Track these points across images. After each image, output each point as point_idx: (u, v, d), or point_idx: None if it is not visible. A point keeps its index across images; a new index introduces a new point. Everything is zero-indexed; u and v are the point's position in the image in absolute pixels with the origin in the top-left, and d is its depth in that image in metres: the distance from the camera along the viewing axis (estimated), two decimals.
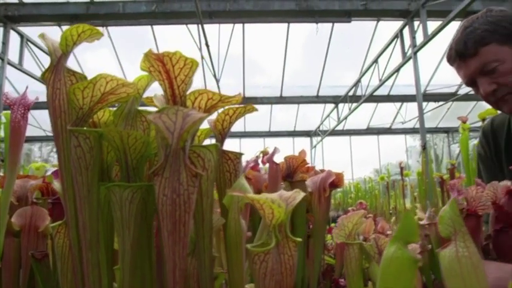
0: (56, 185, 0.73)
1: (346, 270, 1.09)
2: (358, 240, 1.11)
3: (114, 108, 0.70)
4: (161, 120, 0.52)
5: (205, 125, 0.71)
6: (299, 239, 0.59)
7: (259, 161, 1.94)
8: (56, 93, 0.61)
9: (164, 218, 0.50)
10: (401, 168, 7.11)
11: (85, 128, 0.61)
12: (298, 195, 0.63)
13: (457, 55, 1.36)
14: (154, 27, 8.23)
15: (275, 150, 1.45)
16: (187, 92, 0.62)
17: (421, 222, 1.57)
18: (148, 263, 0.65)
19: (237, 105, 0.71)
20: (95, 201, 0.60)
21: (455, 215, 0.80)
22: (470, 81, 1.38)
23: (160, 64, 0.58)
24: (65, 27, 6.27)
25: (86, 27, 0.62)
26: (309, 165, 1.72)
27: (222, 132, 0.74)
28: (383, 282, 0.62)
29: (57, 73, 0.62)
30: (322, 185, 1.58)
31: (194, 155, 0.60)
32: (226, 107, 0.70)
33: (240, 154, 0.75)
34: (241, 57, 10.08)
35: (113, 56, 9.63)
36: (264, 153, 2.19)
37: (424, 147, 5.97)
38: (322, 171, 1.67)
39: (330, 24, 8.13)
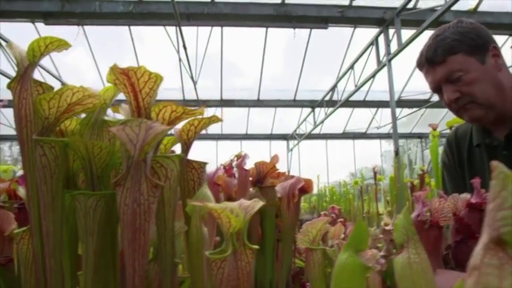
0: (21, 191, 0.74)
1: (310, 274, 1.12)
2: (321, 246, 1.14)
3: (83, 116, 0.72)
4: (124, 133, 0.55)
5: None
6: (256, 247, 0.62)
7: (234, 164, 1.97)
8: (22, 103, 0.63)
9: (125, 226, 0.52)
10: (375, 173, 7.25)
11: (50, 138, 0.62)
12: (257, 204, 0.66)
13: (427, 61, 1.41)
14: (132, 27, 8.18)
15: (245, 157, 1.48)
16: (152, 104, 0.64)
17: (387, 228, 1.63)
18: (112, 269, 0.67)
19: (201, 116, 0.73)
20: (59, 208, 0.61)
21: (408, 224, 0.85)
22: (436, 88, 1.43)
23: (125, 77, 0.60)
24: (38, 25, 6.15)
25: (54, 38, 0.64)
26: (279, 170, 1.76)
27: (187, 141, 0.77)
28: (336, 287, 0.66)
29: (23, 83, 0.63)
30: (291, 191, 1.62)
31: (157, 165, 0.63)
32: (192, 118, 0.73)
33: (204, 163, 0.78)
34: (220, 60, 10.10)
35: (89, 55, 9.51)
36: (238, 157, 2.22)
37: (396, 153, 6.10)
38: (292, 177, 1.71)
39: (308, 30, 8.22)
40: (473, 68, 1.32)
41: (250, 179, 1.54)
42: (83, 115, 0.71)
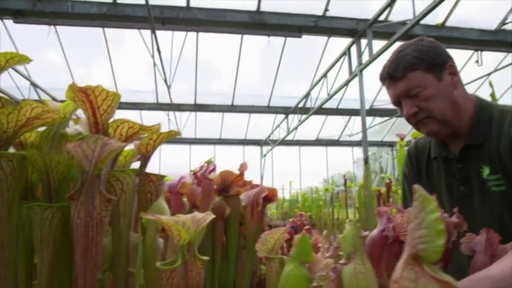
0: None
1: (268, 282, 1.16)
2: (279, 255, 1.19)
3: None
4: (81, 149, 0.58)
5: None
6: (206, 258, 0.66)
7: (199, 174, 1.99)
8: None
9: (78, 238, 0.55)
10: (345, 181, 7.40)
11: (8, 152, 0.64)
12: (209, 217, 0.70)
13: (388, 76, 1.45)
14: (106, 29, 8.09)
15: (209, 166, 1.52)
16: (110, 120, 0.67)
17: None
18: (68, 278, 0.69)
19: (161, 131, 0.76)
20: (14, 220, 0.63)
21: (356, 236, 0.91)
22: (396, 101, 1.48)
23: (83, 95, 0.63)
24: (7, 22, 5.99)
25: (14, 54, 0.66)
26: (247, 178, 1.80)
27: (146, 154, 0.80)
28: None
29: None
30: (256, 200, 1.67)
31: (114, 178, 0.66)
32: (151, 133, 0.76)
33: (162, 176, 0.81)
34: (195, 64, 10.09)
35: (60, 56, 9.34)
36: (209, 163, 2.26)
37: (366, 161, 6.23)
38: (256, 185, 1.76)
39: (283, 38, 8.32)
40: (430, 85, 1.37)
41: (215, 187, 1.58)
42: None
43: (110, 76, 10.62)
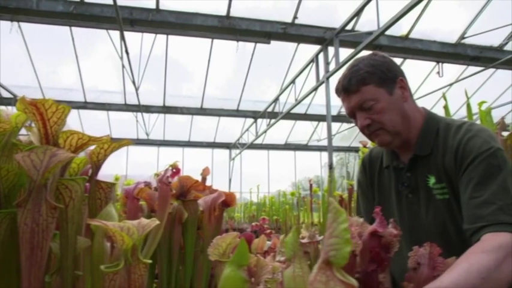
0: None
1: (219, 285, 1.21)
2: (229, 259, 1.24)
3: None
4: (29, 159, 0.61)
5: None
6: (149, 261, 0.71)
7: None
8: None
9: (23, 243, 0.59)
10: (311, 185, 7.52)
11: None
12: (154, 223, 0.74)
13: (343, 89, 1.50)
14: (73, 28, 7.94)
15: (166, 172, 1.55)
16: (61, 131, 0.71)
17: (303, 241, 1.75)
18: (16, 281, 0.73)
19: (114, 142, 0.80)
20: None
21: (295, 241, 0.97)
22: (351, 114, 1.53)
23: (34, 108, 0.67)
24: None
25: None
26: (204, 184, 1.85)
27: (97, 163, 0.84)
28: None
29: None
30: (213, 205, 1.72)
31: (63, 186, 0.70)
32: (102, 142, 0.80)
33: (112, 184, 0.85)
34: (164, 66, 10.03)
35: (24, 53, 9.09)
36: (174, 166, 2.29)
37: (330, 167, 6.38)
38: (215, 190, 1.81)
39: (253, 43, 8.39)
40: (382, 98, 1.43)
41: (174, 192, 1.62)
42: None
43: (76, 75, 10.43)
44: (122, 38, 5.97)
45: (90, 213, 0.83)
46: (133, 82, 7.99)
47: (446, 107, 2.99)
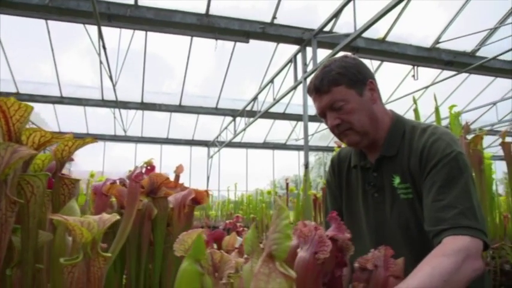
0: None
1: None
2: None
3: None
4: None
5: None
6: (108, 255, 0.74)
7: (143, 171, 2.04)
8: None
9: None
10: (287, 184, 7.59)
11: None
12: (114, 218, 0.77)
13: (314, 89, 1.53)
14: (49, 22, 7.81)
15: (135, 169, 1.57)
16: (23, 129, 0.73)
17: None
18: None
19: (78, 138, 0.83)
20: None
21: (254, 238, 1.01)
22: (322, 113, 1.56)
23: None
24: None
25: None
26: (176, 181, 1.87)
27: (61, 160, 0.86)
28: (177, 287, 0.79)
29: None
30: (183, 202, 1.74)
31: (25, 182, 0.72)
32: (66, 139, 0.83)
33: (76, 180, 0.87)
34: (142, 63, 9.96)
35: None
36: (149, 164, 2.30)
37: (306, 166, 6.45)
38: (186, 188, 1.84)
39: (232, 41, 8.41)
40: (352, 99, 1.47)
41: (144, 189, 1.64)
42: None
43: (52, 70, 10.25)
44: (99, 33, 5.89)
45: (54, 209, 0.85)
46: (111, 78, 7.91)
47: (416, 110, 3.07)
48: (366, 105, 1.49)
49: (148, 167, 2.24)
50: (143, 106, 12.21)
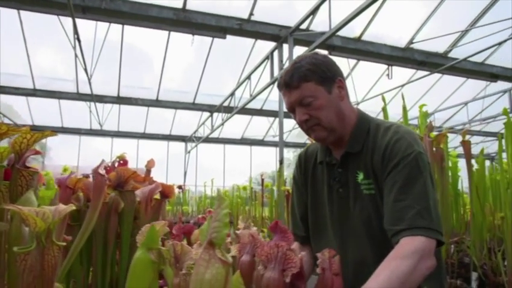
0: None
1: None
2: (157, 247, 1.31)
3: None
4: None
5: None
6: (62, 244, 0.76)
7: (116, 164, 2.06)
8: None
9: None
10: (262, 180, 7.66)
11: None
12: (69, 208, 0.80)
13: (284, 84, 1.54)
14: (22, 12, 7.64)
15: (102, 163, 1.59)
16: None
17: (238, 232, 1.83)
18: None
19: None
20: None
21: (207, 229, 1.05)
22: (291, 108, 1.58)
23: None
24: None
25: None
26: (147, 175, 1.90)
27: (19, 152, 0.88)
28: (131, 277, 0.83)
29: None
30: (150, 195, 1.77)
31: None
32: (24, 132, 0.85)
33: (34, 172, 0.89)
34: (119, 56, 9.84)
35: None
36: (121, 158, 2.32)
37: (281, 162, 6.52)
38: (154, 182, 1.86)
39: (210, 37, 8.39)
40: (321, 96, 1.49)
41: (111, 182, 1.66)
42: None
43: (24, 61, 10.02)
44: (74, 25, 5.80)
45: (11, 199, 0.87)
46: (86, 71, 7.80)
47: (384, 109, 3.15)
48: (334, 102, 1.52)
49: (121, 161, 2.26)
50: (119, 100, 12.07)
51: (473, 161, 3.03)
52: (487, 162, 2.97)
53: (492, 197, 3.15)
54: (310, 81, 1.49)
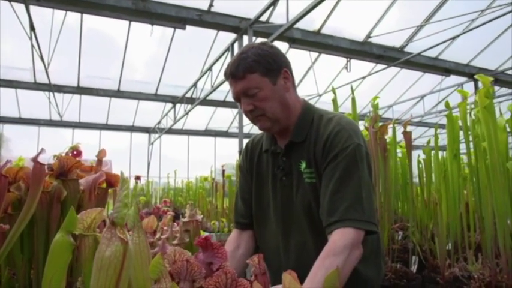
0: None
1: (80, 257, 1.32)
2: (92, 233, 1.36)
3: None
4: None
5: None
6: None
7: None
8: None
9: None
10: (223, 171, 7.73)
11: None
12: None
13: (230, 74, 1.57)
14: None
15: (41, 151, 1.62)
16: None
17: (184, 220, 1.89)
18: None
19: None
20: None
21: (136, 214, 1.12)
22: (237, 98, 1.61)
23: None
24: None
25: None
26: (99, 165, 1.93)
27: None
28: (49, 258, 0.89)
29: None
30: (94, 184, 1.81)
31: None
32: None
33: None
34: (78, 45, 9.59)
35: None
36: (74, 148, 2.33)
37: (240, 153, 6.61)
38: (97, 171, 1.90)
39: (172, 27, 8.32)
40: (266, 87, 1.53)
41: (53, 171, 1.68)
42: None
43: None
44: (28, 12, 5.64)
45: None
46: (42, 59, 7.59)
47: (334, 100, 3.25)
48: (278, 93, 1.56)
49: (75, 152, 2.28)
50: (80, 90, 11.80)
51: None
52: (441, 153, 3.12)
53: (435, 185, 3.31)
54: (255, 73, 1.52)
